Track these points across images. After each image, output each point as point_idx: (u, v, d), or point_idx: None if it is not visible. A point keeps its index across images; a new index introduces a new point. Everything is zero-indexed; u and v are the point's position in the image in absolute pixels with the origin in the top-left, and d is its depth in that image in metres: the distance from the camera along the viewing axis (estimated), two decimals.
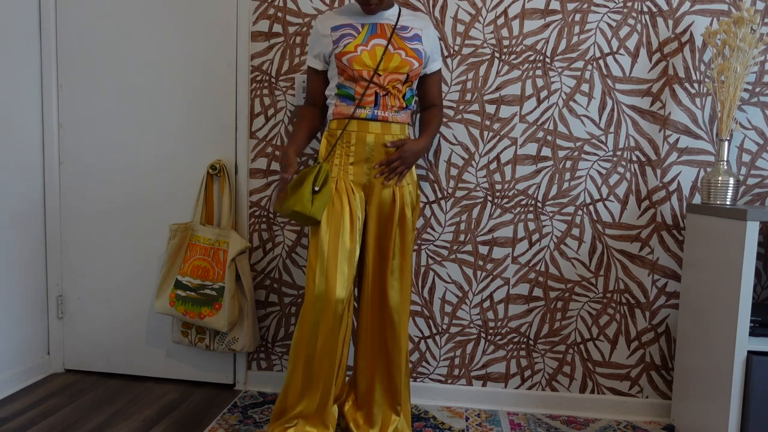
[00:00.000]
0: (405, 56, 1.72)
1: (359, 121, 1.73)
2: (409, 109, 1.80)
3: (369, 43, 1.72)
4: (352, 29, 1.74)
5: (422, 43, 1.77)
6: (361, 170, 1.74)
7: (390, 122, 1.74)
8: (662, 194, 2.04)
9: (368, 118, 1.72)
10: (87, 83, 2.27)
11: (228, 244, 2.09)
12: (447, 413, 2.08)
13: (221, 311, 2.05)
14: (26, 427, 1.89)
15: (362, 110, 1.72)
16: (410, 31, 1.77)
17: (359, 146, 1.73)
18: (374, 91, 1.72)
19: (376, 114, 1.73)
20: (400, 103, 1.75)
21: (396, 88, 1.73)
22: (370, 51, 1.70)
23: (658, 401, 2.09)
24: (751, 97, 1.99)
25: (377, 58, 1.70)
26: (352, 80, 1.72)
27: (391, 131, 1.75)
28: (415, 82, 1.78)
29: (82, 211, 2.32)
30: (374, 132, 1.73)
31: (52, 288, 2.35)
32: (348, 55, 1.70)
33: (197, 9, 2.17)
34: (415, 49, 1.75)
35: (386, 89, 1.72)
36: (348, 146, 1.74)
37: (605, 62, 2.02)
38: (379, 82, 1.71)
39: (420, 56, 1.75)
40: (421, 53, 1.76)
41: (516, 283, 2.12)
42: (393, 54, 1.71)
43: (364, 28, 1.74)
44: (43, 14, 2.25)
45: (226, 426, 1.93)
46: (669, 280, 2.06)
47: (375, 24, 1.75)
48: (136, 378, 2.35)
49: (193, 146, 2.23)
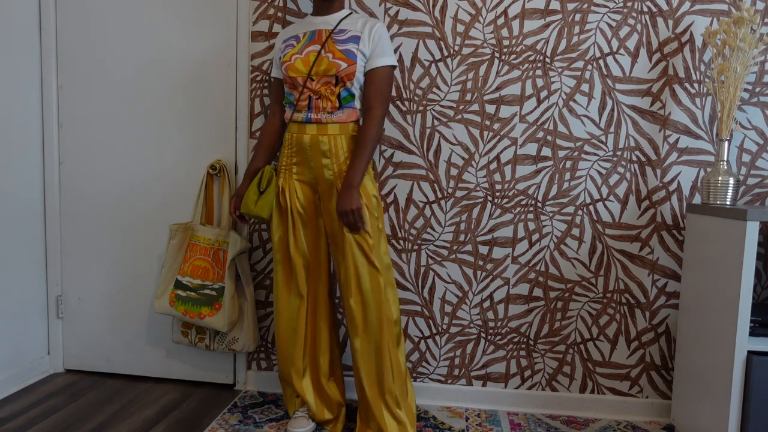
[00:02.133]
0: (332, 59, 1.77)
1: (298, 124, 1.83)
2: (350, 108, 1.81)
3: (304, 50, 1.81)
4: (294, 39, 1.85)
5: (358, 44, 1.78)
6: (303, 169, 1.84)
7: (325, 123, 1.81)
8: (662, 194, 2.04)
9: (303, 121, 1.82)
10: (87, 83, 2.27)
11: (228, 244, 2.09)
12: (447, 413, 2.08)
13: (221, 311, 2.05)
14: (26, 427, 1.89)
15: (299, 114, 1.83)
16: (347, 33, 1.80)
17: (298, 147, 1.83)
18: (308, 95, 1.81)
19: (309, 117, 1.82)
20: (333, 104, 1.80)
21: (329, 90, 1.79)
22: (304, 58, 1.80)
23: (658, 401, 2.09)
24: (751, 97, 1.99)
25: (310, 63, 1.79)
26: (292, 87, 1.83)
27: (327, 131, 1.80)
28: (351, 82, 1.78)
29: (82, 212, 2.32)
30: (310, 133, 1.81)
31: (52, 288, 2.35)
32: (285, 64, 1.82)
33: (197, 9, 2.17)
34: (345, 50, 1.77)
35: (318, 93, 1.80)
36: (291, 148, 1.85)
37: (605, 62, 2.02)
38: (311, 86, 1.80)
39: (351, 57, 1.76)
40: (353, 54, 1.77)
41: (516, 283, 2.12)
42: (323, 57, 1.78)
43: (304, 36, 1.84)
44: (43, 14, 2.25)
45: (226, 426, 1.93)
46: (669, 280, 2.06)
47: (315, 31, 1.83)
48: (136, 378, 2.35)
49: (193, 146, 2.23)
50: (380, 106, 1.82)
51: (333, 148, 1.80)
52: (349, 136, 1.82)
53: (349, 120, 1.82)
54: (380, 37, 1.81)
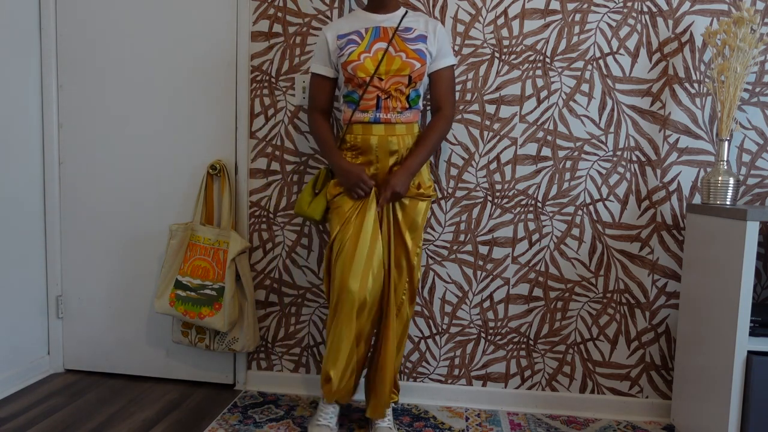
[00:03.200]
0: (406, 58, 1.75)
1: (363, 124, 1.79)
2: (416, 109, 1.82)
3: (372, 48, 1.76)
4: (356, 36, 1.79)
5: (426, 43, 1.78)
6: (367, 170, 1.81)
7: (393, 123, 1.78)
8: (662, 194, 2.04)
9: (371, 121, 1.78)
10: (87, 83, 2.27)
11: (228, 244, 2.09)
12: (447, 413, 2.08)
13: (221, 311, 2.05)
14: (26, 427, 1.89)
15: (365, 114, 1.78)
16: (414, 32, 1.79)
17: (365, 148, 1.80)
18: (376, 94, 1.77)
19: (378, 117, 1.77)
20: (403, 105, 1.78)
21: (399, 91, 1.77)
22: (373, 56, 1.76)
23: (658, 401, 2.09)
24: (751, 97, 1.99)
25: (377, 61, 1.75)
26: (356, 86, 1.78)
27: (395, 132, 1.78)
28: (420, 82, 1.79)
29: (82, 211, 2.32)
30: (377, 134, 1.78)
31: (52, 288, 2.35)
32: (352, 64, 1.76)
33: (197, 9, 2.17)
34: (417, 50, 1.76)
35: (388, 92, 1.76)
36: (354, 149, 1.82)
37: (605, 62, 2.02)
38: (380, 85, 1.76)
39: (423, 57, 1.76)
40: (424, 54, 1.77)
41: (516, 283, 2.12)
42: (394, 57, 1.75)
43: (367, 33, 1.79)
44: (43, 14, 2.25)
45: (226, 426, 1.93)
46: (669, 280, 2.06)
47: (378, 28, 1.79)
48: (136, 378, 2.35)
49: (193, 146, 2.22)
50: (450, 106, 1.85)
51: (401, 150, 1.79)
52: (414, 135, 1.82)
53: (414, 120, 1.83)
54: (443, 37, 1.82)
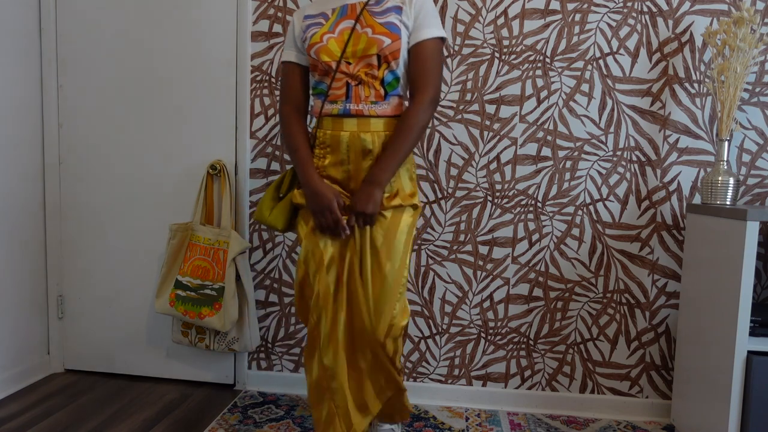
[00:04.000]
0: (372, 34, 1.45)
1: (332, 118, 1.51)
2: (395, 95, 1.52)
3: (336, 28, 1.48)
4: (321, 17, 1.53)
5: (400, 15, 1.47)
6: (338, 171, 1.53)
7: (367, 117, 1.48)
8: (662, 194, 2.04)
9: (341, 114, 1.50)
10: (87, 83, 2.27)
11: (228, 244, 2.09)
12: (447, 413, 2.08)
13: (221, 311, 2.05)
14: (26, 427, 1.89)
15: (333, 105, 1.50)
16: (384, 3, 1.49)
17: (334, 146, 1.51)
18: (344, 81, 1.48)
19: (348, 108, 1.48)
20: (378, 92, 1.48)
21: (370, 75, 1.47)
22: (338, 37, 1.48)
23: (658, 401, 2.09)
24: (751, 97, 1.99)
25: (344, 42, 1.47)
26: (323, 73, 1.51)
27: (370, 127, 1.48)
28: (396, 62, 1.48)
29: (82, 211, 2.32)
30: (349, 130, 1.49)
31: (52, 288, 2.35)
32: (315, 47, 1.49)
33: (197, 9, 2.17)
34: (387, 23, 1.46)
35: (358, 78, 1.48)
36: (323, 147, 1.53)
37: (605, 62, 2.02)
38: (348, 70, 1.48)
39: (394, 30, 1.46)
40: (396, 27, 1.46)
41: (516, 283, 2.12)
42: (360, 34, 1.46)
43: (333, 13, 1.52)
44: (43, 14, 2.25)
45: (226, 426, 1.93)
46: (669, 280, 2.06)
47: (346, 5, 1.51)
48: (136, 378, 2.35)
49: (193, 146, 2.22)
50: (427, 88, 1.48)
51: (377, 149, 1.49)
52: None
53: (395, 114, 1.52)
54: (423, 4, 1.49)
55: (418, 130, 1.47)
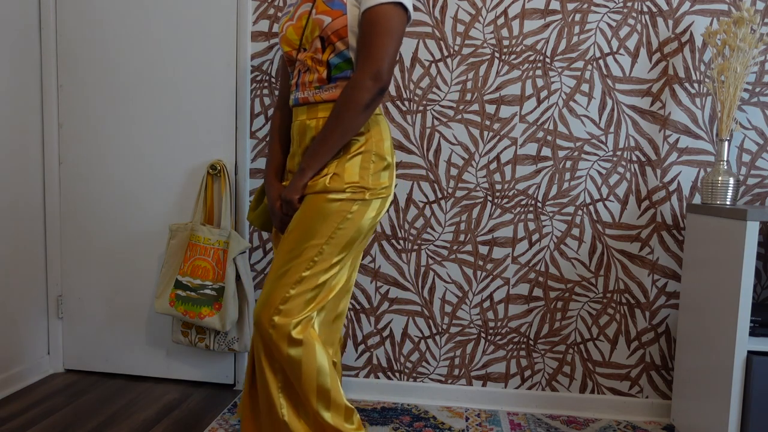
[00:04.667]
0: (315, 15, 1.33)
1: (294, 108, 1.45)
2: (344, 77, 1.36)
3: (295, 14, 1.39)
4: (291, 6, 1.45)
5: None
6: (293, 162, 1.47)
7: (313, 103, 1.38)
8: (662, 194, 2.04)
9: (294, 104, 1.44)
10: (87, 83, 2.27)
11: (228, 244, 2.09)
12: (447, 413, 2.08)
13: (221, 311, 2.05)
14: (26, 427, 1.89)
15: (291, 96, 1.45)
16: None
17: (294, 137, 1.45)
18: (297, 69, 1.41)
19: (297, 97, 1.42)
20: (321, 76, 1.36)
21: (315, 60, 1.36)
22: (296, 24, 1.38)
23: (658, 401, 2.09)
24: (751, 97, 1.99)
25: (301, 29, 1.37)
26: (290, 63, 1.45)
27: (317, 114, 1.37)
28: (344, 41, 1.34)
29: (82, 211, 2.32)
30: (299, 119, 1.41)
31: (52, 288, 2.35)
32: (279, 38, 1.44)
33: (197, 9, 2.17)
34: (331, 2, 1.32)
35: (305, 64, 1.38)
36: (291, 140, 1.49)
37: (605, 62, 2.02)
38: (301, 58, 1.38)
39: (337, 7, 1.32)
40: (341, 3, 1.32)
41: (516, 283, 2.12)
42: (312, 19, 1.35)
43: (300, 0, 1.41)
44: (43, 14, 2.25)
45: (226, 426, 1.93)
46: (669, 280, 2.06)
47: None
48: (136, 378, 2.35)
49: (193, 146, 2.22)
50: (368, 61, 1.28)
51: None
52: None
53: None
54: None
55: (354, 112, 1.28)
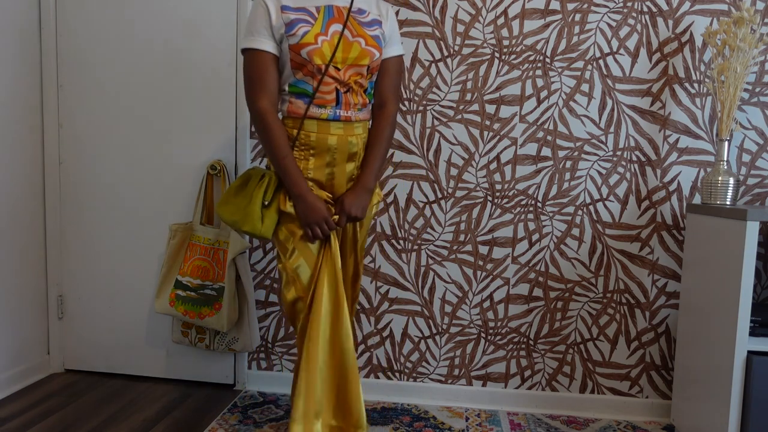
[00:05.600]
0: (365, 45, 1.48)
1: (319, 121, 1.49)
2: (371, 103, 1.61)
3: (328, 30, 1.45)
4: (306, 14, 1.46)
5: (382, 28, 1.54)
6: (322, 173, 1.54)
7: (353, 122, 1.52)
8: (662, 194, 2.04)
9: (330, 119, 1.49)
10: (87, 83, 2.27)
11: (228, 244, 2.09)
12: (447, 413, 2.08)
13: (221, 311, 2.05)
14: (26, 427, 1.89)
15: (321, 110, 1.48)
16: (368, 15, 1.53)
17: (320, 149, 1.51)
18: (334, 87, 1.48)
19: (338, 114, 1.49)
20: (363, 100, 1.54)
21: (358, 84, 1.50)
22: (330, 40, 1.45)
23: (658, 401, 2.09)
24: (751, 97, 1.99)
25: (333, 47, 1.45)
26: (309, 75, 1.47)
27: (353, 132, 1.53)
28: (375, 74, 1.57)
29: (82, 211, 2.32)
30: (336, 134, 1.50)
31: (52, 288, 2.35)
32: (308, 48, 1.43)
33: (197, 9, 2.17)
34: (375, 36, 1.50)
35: (347, 85, 1.48)
36: (306, 149, 1.51)
37: (605, 62, 2.02)
38: (338, 76, 1.47)
39: (380, 45, 1.52)
40: (381, 41, 1.53)
41: (516, 283, 2.12)
42: (352, 43, 1.46)
43: (320, 12, 1.47)
44: (43, 14, 2.25)
45: (226, 426, 1.93)
46: (669, 280, 2.06)
47: (331, 6, 1.48)
48: (136, 378, 2.35)
49: (193, 146, 2.22)
50: (396, 101, 1.61)
51: (360, 151, 1.56)
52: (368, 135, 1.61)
53: (368, 118, 1.61)
54: (394, 22, 1.59)
55: (390, 141, 1.61)
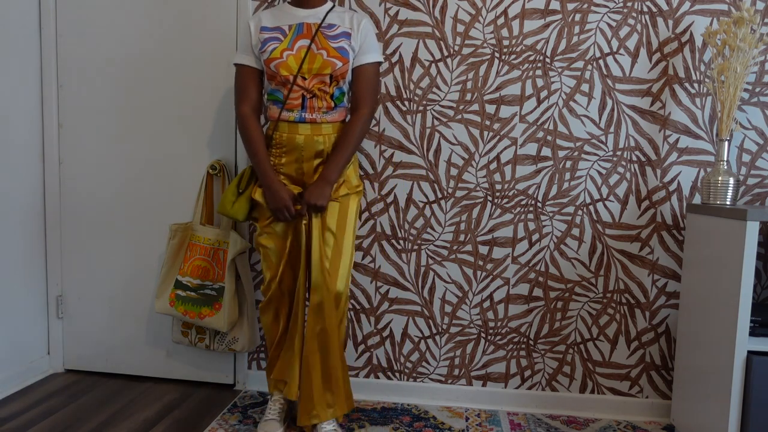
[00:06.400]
0: (327, 56, 1.71)
1: (289, 123, 1.76)
2: (342, 107, 1.80)
3: (294, 45, 1.72)
4: (279, 32, 1.75)
5: (350, 40, 1.74)
6: (292, 168, 1.80)
7: (319, 123, 1.76)
8: (662, 194, 2.04)
9: (296, 121, 1.75)
10: (87, 83, 2.27)
11: (228, 244, 2.09)
12: (447, 413, 2.08)
13: (221, 311, 2.05)
14: (26, 427, 1.89)
15: (290, 113, 1.75)
16: (336, 29, 1.75)
17: (290, 147, 1.77)
18: (300, 93, 1.74)
19: (303, 116, 1.75)
20: (328, 104, 1.76)
21: (322, 90, 1.74)
22: (296, 54, 1.72)
23: (658, 401, 2.09)
24: (751, 97, 1.99)
25: (300, 60, 1.71)
26: (280, 84, 1.74)
27: (321, 131, 1.76)
28: (343, 80, 1.76)
29: (82, 211, 2.32)
30: (304, 133, 1.76)
31: (52, 288, 2.35)
32: (275, 62, 1.72)
33: (197, 8, 2.17)
34: (339, 48, 1.73)
35: (312, 92, 1.73)
36: (280, 147, 1.78)
37: (605, 62, 2.02)
38: (304, 85, 1.73)
39: (344, 55, 1.73)
40: (346, 51, 1.74)
41: (516, 283, 2.12)
42: (316, 54, 1.71)
43: (290, 30, 1.75)
44: (43, 14, 2.25)
45: (226, 426, 1.93)
46: (669, 280, 2.06)
47: (302, 24, 1.75)
48: (136, 378, 2.35)
49: (193, 146, 2.22)
50: (367, 104, 1.79)
51: (327, 149, 1.78)
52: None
53: (341, 119, 1.81)
54: (368, 33, 1.78)
55: (360, 138, 1.79)
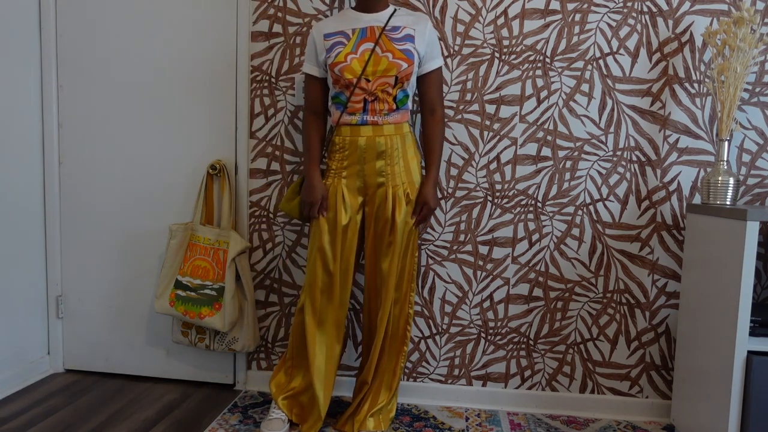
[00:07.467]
0: (392, 58, 1.74)
1: (351, 126, 1.79)
2: (404, 109, 1.81)
3: (358, 49, 1.75)
4: (343, 36, 1.78)
5: (414, 43, 1.76)
6: (354, 172, 1.82)
7: (381, 125, 1.78)
8: (662, 194, 2.04)
9: (358, 124, 1.79)
10: (87, 83, 2.27)
11: (228, 244, 2.09)
12: (447, 413, 2.08)
13: (221, 311, 2.05)
14: (26, 427, 1.89)
15: (352, 116, 1.78)
16: (401, 31, 1.77)
17: (351, 150, 1.80)
18: (362, 97, 1.76)
19: (365, 119, 1.78)
20: (390, 106, 1.78)
21: (385, 92, 1.76)
22: (359, 57, 1.75)
23: (658, 401, 2.09)
24: (751, 97, 1.99)
25: (364, 62, 1.74)
26: (344, 87, 1.77)
27: (383, 132, 1.79)
28: (407, 82, 1.77)
29: (82, 211, 2.32)
30: (365, 135, 1.79)
31: (52, 288, 2.35)
32: (339, 65, 1.74)
33: (197, 9, 2.17)
34: (405, 50, 1.75)
35: (374, 94, 1.76)
36: (342, 151, 1.82)
37: (605, 62, 2.02)
38: (367, 87, 1.75)
39: (410, 57, 1.75)
40: (412, 54, 1.76)
41: (516, 283, 2.12)
42: (380, 57, 1.74)
43: (354, 33, 1.78)
44: (43, 14, 2.25)
45: (226, 426, 1.93)
46: (669, 280, 2.06)
47: (365, 28, 1.78)
48: (136, 378, 2.35)
49: (193, 146, 2.23)
50: (442, 106, 1.89)
51: (389, 150, 1.79)
52: (403, 135, 1.82)
53: (403, 120, 1.83)
54: (434, 38, 1.82)
55: (442, 141, 1.90)
